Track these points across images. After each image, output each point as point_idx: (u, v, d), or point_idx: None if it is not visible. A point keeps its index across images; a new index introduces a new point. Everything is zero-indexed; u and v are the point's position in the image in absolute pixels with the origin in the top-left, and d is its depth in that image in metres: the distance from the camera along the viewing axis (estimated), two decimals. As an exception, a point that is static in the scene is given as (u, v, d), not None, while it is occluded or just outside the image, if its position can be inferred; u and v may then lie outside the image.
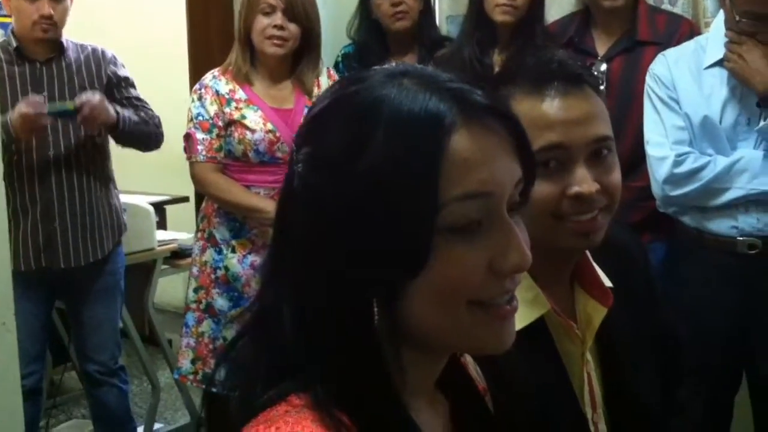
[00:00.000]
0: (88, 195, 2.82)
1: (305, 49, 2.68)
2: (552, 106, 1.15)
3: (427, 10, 2.94)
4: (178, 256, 3.48)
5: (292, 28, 2.61)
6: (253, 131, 2.63)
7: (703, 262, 2.22)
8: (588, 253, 1.25)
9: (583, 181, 1.15)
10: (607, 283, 1.25)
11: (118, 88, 2.88)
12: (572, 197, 1.15)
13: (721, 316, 2.19)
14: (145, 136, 2.90)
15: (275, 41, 2.61)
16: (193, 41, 3.60)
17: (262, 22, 2.61)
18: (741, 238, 2.16)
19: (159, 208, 3.89)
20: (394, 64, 0.84)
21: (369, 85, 0.77)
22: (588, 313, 1.23)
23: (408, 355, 0.78)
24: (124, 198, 3.05)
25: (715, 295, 2.19)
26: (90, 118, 2.67)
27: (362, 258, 0.74)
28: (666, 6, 2.65)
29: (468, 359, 0.93)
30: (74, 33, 2.86)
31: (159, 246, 3.42)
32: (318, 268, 0.76)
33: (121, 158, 3.08)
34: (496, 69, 2.58)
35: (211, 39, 3.19)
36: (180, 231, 3.71)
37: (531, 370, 1.09)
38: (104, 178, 2.89)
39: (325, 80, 2.77)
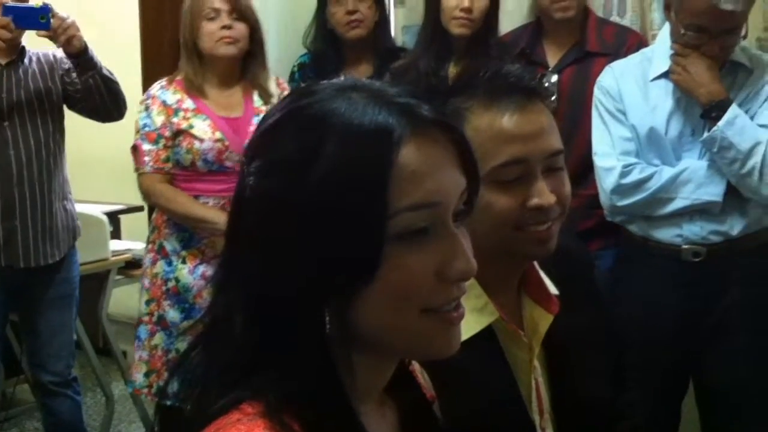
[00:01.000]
0: (48, 195, 2.80)
1: (253, 50, 2.68)
2: (511, 120, 1.19)
3: (383, 21, 2.96)
4: (132, 266, 3.46)
5: (240, 27, 2.62)
6: (201, 140, 2.63)
7: (649, 269, 2.26)
8: (535, 261, 1.29)
9: (543, 193, 1.19)
10: (553, 290, 1.28)
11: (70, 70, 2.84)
12: (532, 209, 1.19)
13: (667, 322, 2.23)
14: (111, 82, 2.83)
15: (226, 41, 2.61)
16: (146, 50, 3.59)
17: (208, 27, 2.61)
18: (686, 246, 2.21)
19: (113, 217, 3.86)
20: (343, 78, 0.86)
21: (319, 98, 0.79)
22: (534, 321, 1.26)
23: (358, 361, 0.80)
24: (77, 207, 3.02)
25: (661, 301, 2.24)
26: (64, 26, 2.61)
27: (314, 266, 0.76)
28: (615, 18, 2.71)
29: (416, 366, 0.95)
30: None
31: (113, 256, 3.40)
32: (269, 277, 0.77)
33: (75, 166, 3.05)
34: (452, 81, 2.61)
35: (164, 48, 3.18)
36: (134, 240, 3.68)
37: (480, 377, 1.12)
38: (62, 179, 2.87)
39: (274, 89, 2.76)
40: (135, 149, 2.70)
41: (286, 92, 2.77)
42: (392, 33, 3.09)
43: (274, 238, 0.77)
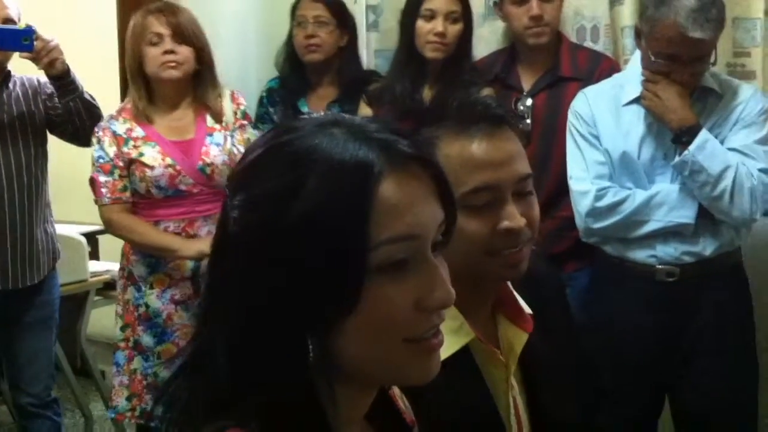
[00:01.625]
0: (29, 218, 2.80)
1: (201, 71, 2.69)
2: (480, 147, 1.22)
3: (350, 45, 2.96)
4: (110, 286, 3.45)
5: (184, 50, 2.62)
6: (151, 168, 2.63)
7: (624, 289, 2.30)
8: (509, 282, 1.33)
9: (513, 216, 1.22)
10: (527, 310, 1.32)
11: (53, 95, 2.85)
12: (503, 232, 1.22)
13: (641, 341, 2.27)
14: (92, 107, 2.83)
15: (170, 65, 2.61)
16: (125, 74, 3.59)
17: (151, 51, 2.61)
18: (660, 267, 2.25)
19: (91, 238, 3.85)
20: (323, 113, 0.88)
21: (301, 134, 0.81)
22: (510, 339, 1.30)
23: (340, 389, 0.82)
24: (56, 228, 3.03)
25: (636, 321, 2.28)
26: (48, 48, 2.63)
27: (296, 299, 0.78)
28: (588, 43, 2.75)
29: (396, 391, 0.97)
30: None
31: (91, 277, 3.40)
32: (252, 309, 0.79)
33: (53, 187, 3.05)
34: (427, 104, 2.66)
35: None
36: (113, 261, 3.68)
37: (458, 397, 1.15)
38: (44, 203, 2.88)
39: (228, 104, 2.76)
40: (92, 182, 2.70)
41: (242, 107, 2.79)
42: (364, 57, 3.09)
43: (256, 271, 0.79)
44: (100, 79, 3.43)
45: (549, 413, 1.33)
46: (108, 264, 3.65)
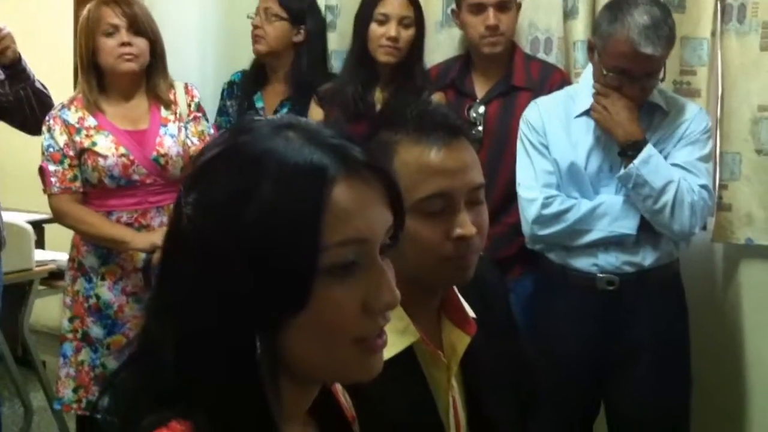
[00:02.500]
0: None
1: (154, 63, 2.69)
2: (438, 155, 1.25)
3: (306, 44, 2.93)
4: (56, 276, 3.42)
5: (140, 42, 2.62)
6: (105, 157, 2.62)
7: (565, 296, 2.36)
8: (454, 286, 1.36)
9: (465, 224, 1.25)
10: (471, 313, 1.35)
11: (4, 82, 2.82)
12: (455, 240, 1.25)
13: (580, 347, 2.33)
14: (43, 95, 2.79)
15: (126, 57, 2.61)
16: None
17: (107, 43, 2.60)
18: (601, 275, 2.31)
19: (38, 226, 3.80)
20: (279, 115, 0.90)
21: (257, 136, 0.83)
22: (453, 342, 1.33)
23: (284, 385, 0.84)
24: (2, 215, 2.99)
25: (575, 327, 2.34)
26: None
27: (247, 296, 0.79)
28: (541, 55, 2.80)
29: (338, 387, 1.00)
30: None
31: (37, 266, 3.35)
32: (203, 304, 0.81)
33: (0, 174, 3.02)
34: (378, 106, 2.69)
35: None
36: (59, 251, 3.64)
37: (400, 395, 1.18)
38: None
39: (182, 95, 2.76)
40: (42, 171, 2.67)
41: (196, 99, 2.79)
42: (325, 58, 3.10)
43: (207, 268, 0.80)
44: (53, 68, 3.41)
45: (486, 413, 1.37)
46: (54, 254, 3.61)
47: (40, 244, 3.82)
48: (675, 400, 2.34)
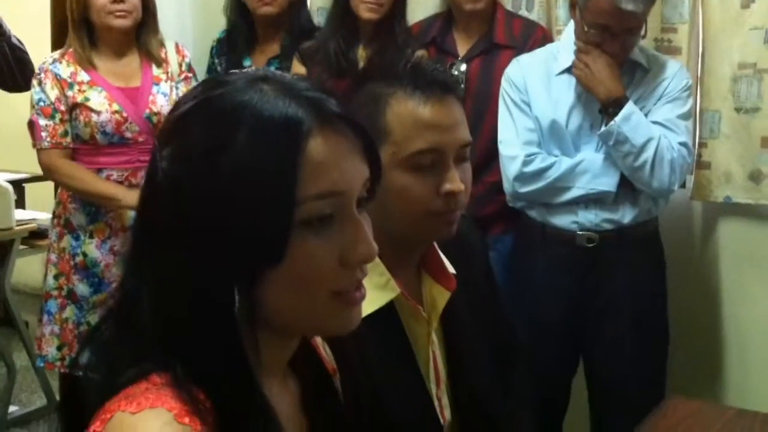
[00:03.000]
0: None
1: (145, 19, 2.68)
2: (432, 110, 1.27)
3: (300, 1, 2.95)
4: (36, 236, 3.40)
5: None
6: (98, 113, 2.61)
7: (545, 253, 2.38)
8: (435, 242, 1.37)
9: (455, 180, 1.28)
10: (451, 269, 1.37)
11: None
12: (445, 195, 1.27)
13: (559, 304, 2.35)
14: (19, 51, 2.76)
15: (118, 14, 2.59)
16: (56, 20, 3.53)
17: (99, 0, 2.58)
18: (580, 232, 2.33)
19: (18, 186, 3.77)
20: (254, 68, 0.90)
21: (232, 89, 0.83)
22: (433, 297, 1.35)
23: (263, 337, 0.84)
24: (-19, 175, 2.97)
25: (554, 283, 2.36)
26: None
27: (223, 250, 0.80)
28: (523, 12, 2.79)
29: (318, 340, 1.01)
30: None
31: (17, 225, 3.33)
32: (181, 258, 0.81)
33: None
34: (361, 63, 2.67)
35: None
36: (39, 210, 3.62)
37: (380, 349, 1.19)
38: None
39: (173, 55, 2.76)
40: (31, 125, 2.65)
41: (187, 59, 2.78)
42: (309, 13, 3.08)
43: (184, 222, 0.80)
44: (31, 25, 3.36)
45: (466, 367, 1.39)
46: (34, 213, 3.59)
47: (20, 203, 3.79)
48: (651, 356, 2.37)
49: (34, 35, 3.11)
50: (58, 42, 3.34)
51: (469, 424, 1.39)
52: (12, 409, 3.52)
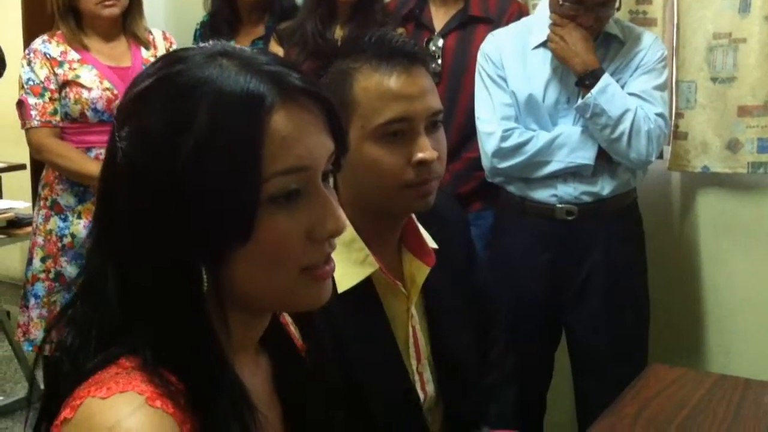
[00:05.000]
0: None
1: (130, 2, 2.70)
2: (398, 81, 1.27)
3: None
4: (14, 225, 3.38)
5: None
6: (89, 89, 2.62)
7: (524, 228, 2.37)
8: (414, 217, 1.37)
9: (426, 148, 1.27)
10: (432, 244, 1.37)
11: None
12: (416, 164, 1.27)
13: (539, 277, 2.36)
14: None
15: (107, 3, 2.61)
16: (27, 6, 3.48)
17: None
18: (560, 206, 2.33)
19: (-7, 175, 3.76)
20: (212, 42, 0.88)
21: (191, 65, 0.81)
22: (413, 272, 1.35)
23: (233, 316, 0.84)
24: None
25: (534, 257, 2.36)
26: None
27: (189, 231, 0.78)
28: (499, -14, 2.77)
29: (288, 319, 1.00)
30: None
31: (-6, 215, 3.31)
32: (145, 240, 0.79)
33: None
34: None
35: (46, 4, 3.10)
36: (17, 200, 3.60)
37: (358, 325, 1.19)
38: None
39: (161, 41, 2.78)
40: (20, 104, 2.65)
41: (174, 45, 2.80)
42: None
43: (146, 204, 0.79)
44: (0, 12, 3.32)
45: (447, 342, 1.39)
46: (11, 202, 3.56)
47: (-4, 193, 3.77)
48: (632, 327, 2.38)
49: (4, 21, 3.08)
50: (30, 28, 3.30)
51: (451, 397, 1.40)
52: (-5, 399, 3.51)
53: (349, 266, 0.89)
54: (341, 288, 0.89)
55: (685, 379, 1.74)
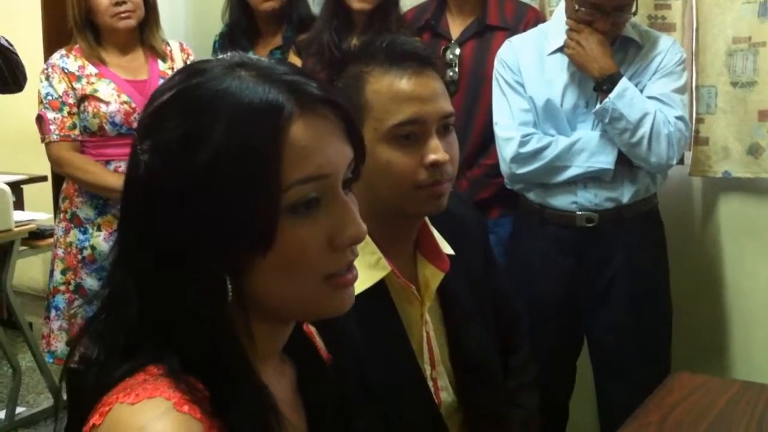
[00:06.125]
0: None
1: (146, 14, 2.73)
2: (409, 83, 1.28)
3: None
4: (36, 236, 3.40)
5: None
6: (107, 103, 2.64)
7: (544, 235, 2.36)
8: (429, 222, 1.37)
9: (438, 149, 1.28)
10: (448, 250, 1.37)
11: None
12: (428, 165, 1.28)
13: (560, 285, 2.34)
14: (9, 52, 2.78)
15: (123, 15, 2.64)
16: (48, 20, 3.52)
17: (102, 3, 2.63)
18: (580, 213, 2.32)
19: (16, 187, 3.79)
20: (230, 54, 0.88)
21: (209, 77, 0.82)
22: (427, 277, 1.35)
23: (257, 324, 0.84)
24: (-21, 177, 2.97)
25: (554, 265, 2.34)
26: None
27: (212, 241, 0.79)
28: (515, -6, 2.77)
29: (311, 328, 1.00)
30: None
31: (16, 226, 3.33)
32: (166, 252, 0.80)
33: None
34: (355, 53, 2.66)
35: (67, 15, 3.13)
36: (38, 211, 3.63)
37: (372, 329, 1.19)
38: None
39: (177, 53, 2.81)
40: (39, 119, 2.68)
41: (191, 57, 2.83)
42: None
43: (168, 215, 0.80)
44: (21, 25, 3.35)
45: (465, 347, 1.39)
46: (33, 214, 3.59)
47: (19, 205, 3.80)
48: (654, 333, 2.36)
49: (25, 35, 3.11)
50: (51, 41, 3.33)
51: (472, 405, 1.39)
52: (19, 410, 3.53)
53: (361, 270, 0.89)
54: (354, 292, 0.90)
55: (708, 387, 1.73)
